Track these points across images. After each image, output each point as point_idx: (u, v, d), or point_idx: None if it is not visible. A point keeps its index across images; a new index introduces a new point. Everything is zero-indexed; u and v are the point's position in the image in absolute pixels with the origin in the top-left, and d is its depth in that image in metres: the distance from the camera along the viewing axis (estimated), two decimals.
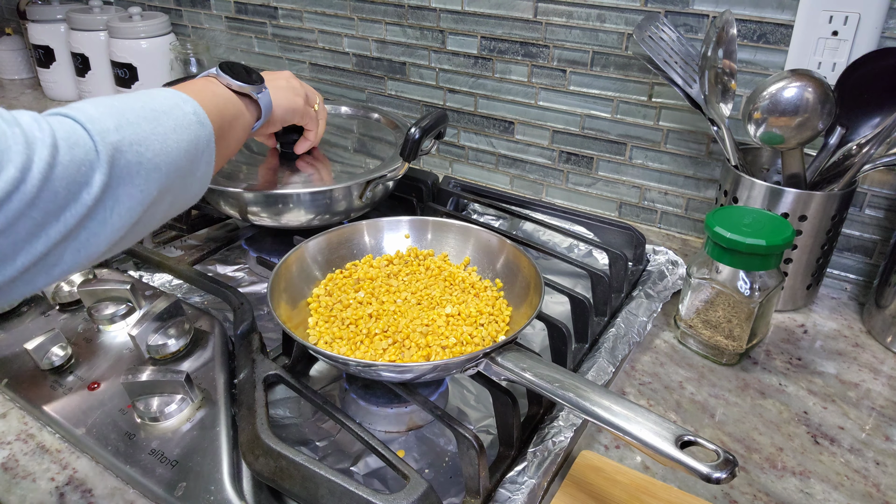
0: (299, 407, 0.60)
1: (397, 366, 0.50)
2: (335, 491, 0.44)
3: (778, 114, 0.66)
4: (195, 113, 0.50)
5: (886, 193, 0.76)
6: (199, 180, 0.52)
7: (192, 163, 0.49)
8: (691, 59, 0.76)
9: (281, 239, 0.83)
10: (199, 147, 0.50)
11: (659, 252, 0.83)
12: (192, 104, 0.51)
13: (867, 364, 0.67)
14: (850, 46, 0.71)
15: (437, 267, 0.68)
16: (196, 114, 0.50)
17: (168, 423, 0.54)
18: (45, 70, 1.39)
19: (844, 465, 0.55)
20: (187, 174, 0.49)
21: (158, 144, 0.45)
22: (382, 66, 1.09)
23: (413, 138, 0.74)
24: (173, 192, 0.48)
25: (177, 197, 0.50)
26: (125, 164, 0.42)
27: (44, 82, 1.42)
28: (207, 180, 0.54)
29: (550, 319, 0.62)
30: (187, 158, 0.48)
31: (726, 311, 0.64)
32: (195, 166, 0.50)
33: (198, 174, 0.51)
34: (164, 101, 0.49)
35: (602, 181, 0.95)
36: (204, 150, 0.51)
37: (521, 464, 0.51)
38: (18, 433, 0.56)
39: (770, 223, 0.63)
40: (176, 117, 0.48)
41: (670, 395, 0.63)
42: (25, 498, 0.50)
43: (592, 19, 0.86)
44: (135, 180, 0.43)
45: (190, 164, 0.49)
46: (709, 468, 0.39)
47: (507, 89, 0.97)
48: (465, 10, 0.96)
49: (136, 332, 0.58)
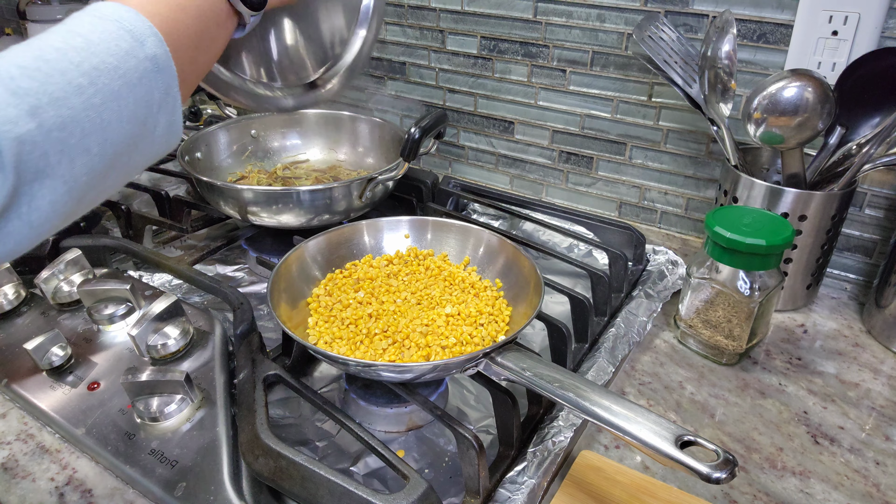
0: (299, 407, 0.60)
1: (397, 366, 0.50)
2: (335, 491, 0.44)
3: (778, 113, 0.66)
4: (153, 57, 0.41)
5: (886, 193, 0.76)
6: (160, 138, 0.43)
7: (143, 125, 0.41)
8: (691, 59, 0.76)
9: (281, 239, 0.83)
10: (153, 103, 0.41)
11: (659, 252, 0.83)
12: (151, 42, 0.41)
13: (867, 364, 0.67)
14: (849, 46, 0.71)
15: (437, 267, 0.68)
16: (154, 58, 0.41)
17: (168, 423, 0.54)
18: None
19: (844, 465, 0.55)
20: (138, 139, 0.41)
21: (90, 122, 0.37)
22: (382, 66, 1.09)
23: (413, 138, 0.74)
24: (120, 165, 0.41)
25: (130, 165, 0.42)
26: (40, 156, 0.35)
27: None
28: (176, 131, 0.45)
29: (550, 319, 0.62)
30: (136, 123, 0.40)
31: (726, 311, 0.64)
32: (148, 128, 0.42)
33: (156, 133, 0.43)
34: (112, 47, 0.39)
35: (602, 181, 0.95)
36: (161, 104, 0.42)
37: (520, 464, 0.51)
38: (18, 433, 0.56)
39: (770, 223, 0.63)
40: (124, 72, 0.39)
41: (670, 395, 0.63)
42: (25, 498, 0.50)
43: (592, 19, 0.86)
44: (56, 171, 0.36)
45: (141, 127, 0.41)
46: (709, 468, 0.39)
47: (507, 89, 0.97)
48: (464, 9, 0.96)
49: (136, 332, 0.58)
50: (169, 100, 0.43)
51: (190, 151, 0.86)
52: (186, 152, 0.84)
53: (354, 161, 0.98)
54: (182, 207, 0.85)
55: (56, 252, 0.69)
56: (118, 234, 0.86)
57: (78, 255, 0.69)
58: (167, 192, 0.86)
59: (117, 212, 0.85)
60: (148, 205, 0.90)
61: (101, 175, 0.39)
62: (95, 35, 0.39)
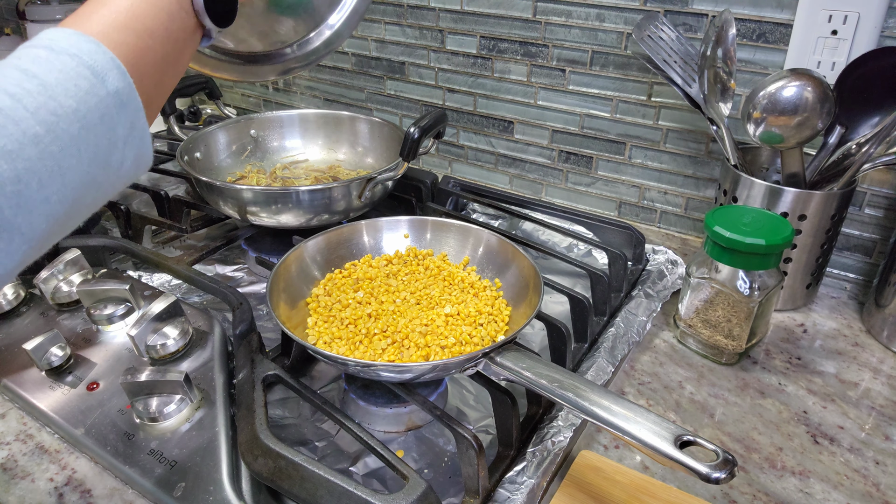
0: (298, 407, 0.60)
1: (396, 366, 0.50)
2: (334, 491, 0.44)
3: (777, 113, 0.66)
4: (116, 93, 0.38)
5: (886, 193, 0.76)
6: (127, 171, 0.41)
7: (106, 165, 0.38)
8: (690, 59, 0.76)
9: (280, 239, 0.83)
10: (118, 140, 0.38)
11: (658, 251, 0.83)
12: (113, 76, 0.37)
13: (867, 363, 0.67)
14: (849, 46, 0.71)
15: (437, 267, 0.68)
16: (117, 93, 0.38)
17: (167, 423, 0.54)
18: None
19: (844, 465, 0.55)
20: (103, 179, 0.39)
21: (48, 172, 0.34)
22: (381, 66, 1.09)
23: (412, 138, 0.74)
24: (84, 206, 0.39)
25: (95, 203, 0.40)
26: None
27: None
28: (144, 162, 0.42)
29: (550, 319, 0.62)
30: (99, 164, 0.38)
31: (726, 311, 0.64)
32: (113, 166, 0.39)
33: (123, 168, 0.40)
34: (71, 88, 0.36)
35: (601, 181, 0.95)
36: (126, 139, 0.39)
37: (520, 464, 0.51)
38: (17, 433, 0.56)
39: (769, 222, 0.63)
40: (84, 114, 0.36)
41: (670, 395, 0.63)
42: (24, 498, 0.50)
43: (592, 19, 0.86)
44: (13, 224, 0.34)
45: (104, 167, 0.38)
46: (708, 468, 0.39)
47: (507, 89, 0.97)
48: (464, 9, 0.96)
49: (135, 332, 0.58)
50: (135, 133, 0.40)
51: (189, 151, 0.86)
52: (186, 152, 0.84)
53: (354, 161, 0.98)
54: (181, 207, 0.85)
55: (55, 252, 0.69)
56: (117, 234, 0.86)
57: (77, 255, 0.69)
58: (166, 192, 0.86)
59: (116, 212, 0.85)
60: (147, 205, 0.90)
61: (62, 220, 0.37)
62: (52, 76, 0.35)
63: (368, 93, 1.13)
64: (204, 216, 0.89)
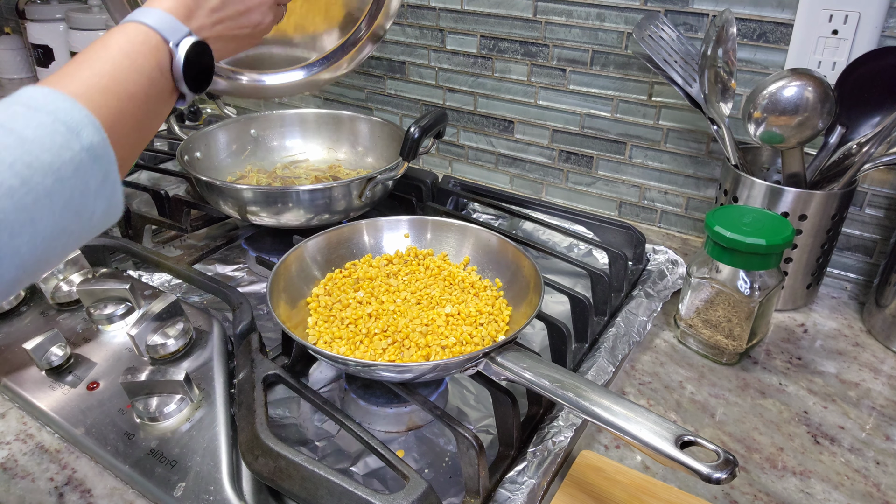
0: (298, 407, 0.60)
1: (397, 366, 0.50)
2: (334, 491, 0.44)
3: (778, 113, 0.66)
4: (90, 147, 0.38)
5: (886, 192, 0.75)
6: (98, 222, 0.41)
7: (77, 216, 0.39)
8: (691, 59, 0.76)
9: (280, 238, 0.83)
10: (89, 193, 0.39)
11: (659, 251, 0.83)
12: (88, 132, 0.38)
13: (867, 363, 0.67)
14: (850, 45, 0.71)
15: (437, 266, 0.68)
16: (91, 148, 0.38)
17: (167, 422, 0.54)
18: (44, 70, 1.38)
19: (845, 465, 0.55)
20: (73, 229, 0.39)
21: (20, 223, 0.35)
22: (382, 66, 1.09)
23: (412, 137, 0.74)
24: (53, 255, 0.39)
25: (64, 252, 0.40)
26: None
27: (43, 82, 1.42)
28: (115, 213, 0.43)
29: (550, 319, 0.62)
30: (70, 215, 0.38)
31: (726, 311, 0.64)
32: (84, 218, 0.39)
33: (93, 219, 0.40)
34: (47, 142, 0.36)
35: (602, 180, 0.95)
36: (97, 192, 0.39)
37: (520, 464, 0.51)
38: (17, 433, 0.56)
39: (770, 222, 0.62)
40: (59, 167, 0.37)
41: (670, 395, 0.63)
42: (24, 498, 0.50)
43: (592, 18, 0.86)
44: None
45: (76, 218, 0.39)
46: (709, 468, 0.39)
47: (507, 88, 0.97)
48: (464, 9, 0.96)
49: (136, 331, 0.58)
50: (107, 185, 0.41)
51: (189, 151, 0.86)
52: (186, 152, 0.84)
53: (354, 160, 0.98)
54: (181, 207, 0.85)
55: None
56: (117, 234, 0.86)
57: (77, 254, 0.69)
58: (167, 192, 0.86)
59: None
60: (147, 204, 0.90)
61: (31, 268, 0.38)
62: (30, 131, 0.36)
63: (369, 92, 1.13)
64: (204, 216, 0.89)
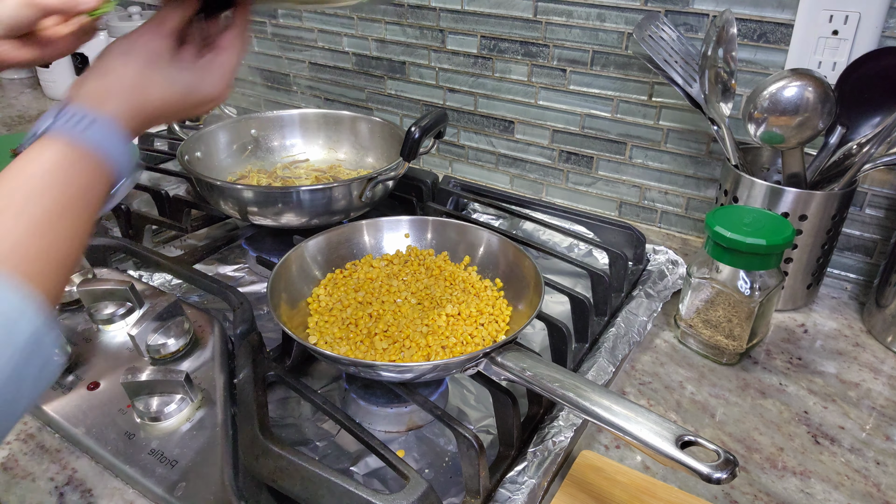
0: (299, 407, 0.60)
1: (397, 366, 0.50)
2: (335, 491, 0.44)
3: (778, 113, 0.66)
4: (34, 333, 0.34)
5: (887, 193, 0.75)
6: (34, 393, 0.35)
7: (12, 402, 0.34)
8: (691, 59, 0.76)
9: (281, 239, 0.83)
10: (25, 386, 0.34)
11: (659, 251, 0.83)
12: (24, 323, 0.33)
13: (867, 364, 0.67)
14: (850, 46, 0.71)
15: (437, 267, 0.68)
16: (35, 333, 0.34)
17: (168, 422, 0.54)
18: (44, 69, 1.39)
19: (845, 465, 0.55)
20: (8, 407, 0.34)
21: None
22: (382, 66, 1.09)
23: (413, 137, 0.74)
24: None
25: None
26: None
27: (43, 82, 1.42)
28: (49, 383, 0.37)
29: (550, 319, 0.62)
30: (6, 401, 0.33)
31: (726, 311, 0.64)
32: (20, 401, 0.34)
33: (36, 391, 0.35)
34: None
35: (602, 181, 0.95)
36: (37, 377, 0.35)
37: (521, 464, 0.51)
38: (18, 433, 0.56)
39: (770, 223, 0.62)
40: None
41: (670, 395, 0.63)
42: (25, 498, 0.50)
43: (592, 18, 0.86)
44: None
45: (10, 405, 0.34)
46: (709, 468, 0.39)
47: (507, 89, 0.97)
48: (464, 9, 0.96)
49: (136, 331, 0.58)
50: (46, 372, 0.36)
51: (190, 151, 0.86)
52: (186, 151, 0.84)
53: (354, 160, 0.98)
54: (182, 207, 0.85)
55: None
56: (118, 234, 0.86)
57: None
58: (167, 192, 0.86)
59: (117, 211, 0.84)
60: (148, 204, 0.90)
61: None
62: None
63: (369, 92, 1.13)
64: (204, 216, 0.89)
